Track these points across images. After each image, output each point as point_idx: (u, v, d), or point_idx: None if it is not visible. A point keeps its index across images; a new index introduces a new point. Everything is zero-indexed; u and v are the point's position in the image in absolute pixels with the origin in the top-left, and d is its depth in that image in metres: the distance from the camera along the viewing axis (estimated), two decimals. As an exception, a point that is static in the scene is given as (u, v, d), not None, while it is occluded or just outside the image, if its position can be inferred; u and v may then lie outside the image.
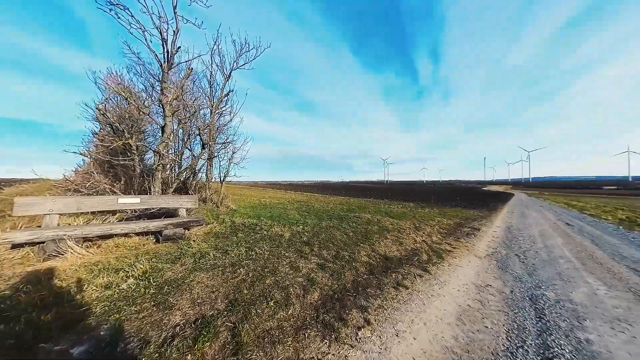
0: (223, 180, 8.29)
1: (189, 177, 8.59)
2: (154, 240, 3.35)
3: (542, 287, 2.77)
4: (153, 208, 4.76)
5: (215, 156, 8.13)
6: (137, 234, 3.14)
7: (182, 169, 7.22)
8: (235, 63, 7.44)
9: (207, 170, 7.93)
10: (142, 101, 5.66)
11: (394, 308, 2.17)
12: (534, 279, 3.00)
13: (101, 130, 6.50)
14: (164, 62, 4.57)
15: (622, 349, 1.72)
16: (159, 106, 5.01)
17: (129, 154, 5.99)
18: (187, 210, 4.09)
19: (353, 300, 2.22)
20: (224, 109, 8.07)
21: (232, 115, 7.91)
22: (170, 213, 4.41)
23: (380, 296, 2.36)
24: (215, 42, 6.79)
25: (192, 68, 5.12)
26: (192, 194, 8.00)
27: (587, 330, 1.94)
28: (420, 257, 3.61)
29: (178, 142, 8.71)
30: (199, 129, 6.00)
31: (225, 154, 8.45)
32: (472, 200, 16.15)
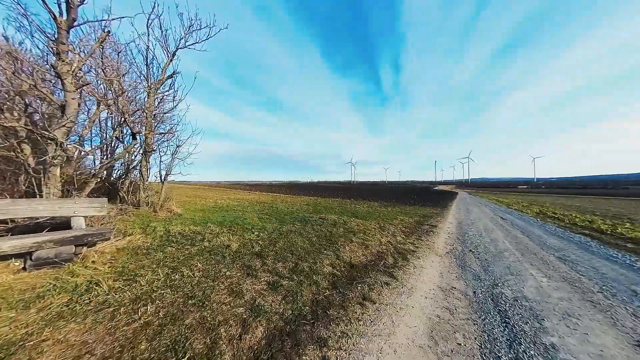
0: (164, 180, 6.87)
1: (122, 175, 6.86)
2: (22, 267, 2.24)
3: (499, 284, 2.80)
4: (40, 218, 3.41)
5: (154, 150, 6.67)
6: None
7: (102, 165, 5.63)
8: (183, 40, 6.21)
9: (141, 167, 6.42)
10: (32, 67, 4.08)
11: (359, 334, 1.77)
12: (489, 276, 3.05)
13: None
14: (61, 15, 3.29)
15: (583, 352, 1.67)
16: (57, 77, 3.63)
17: (10, 140, 4.28)
18: (88, 218, 2.96)
19: (310, 330, 1.73)
20: (166, 93, 6.68)
21: (176, 101, 6.59)
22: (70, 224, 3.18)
23: (344, 318, 1.93)
24: (153, 9, 5.51)
25: (109, 31, 3.88)
26: (124, 197, 6.38)
27: (548, 332, 1.88)
28: (387, 261, 3.38)
29: (105, 131, 6.89)
30: (124, 113, 4.67)
31: (168, 148, 7.04)
32: (427, 198, 17.85)
